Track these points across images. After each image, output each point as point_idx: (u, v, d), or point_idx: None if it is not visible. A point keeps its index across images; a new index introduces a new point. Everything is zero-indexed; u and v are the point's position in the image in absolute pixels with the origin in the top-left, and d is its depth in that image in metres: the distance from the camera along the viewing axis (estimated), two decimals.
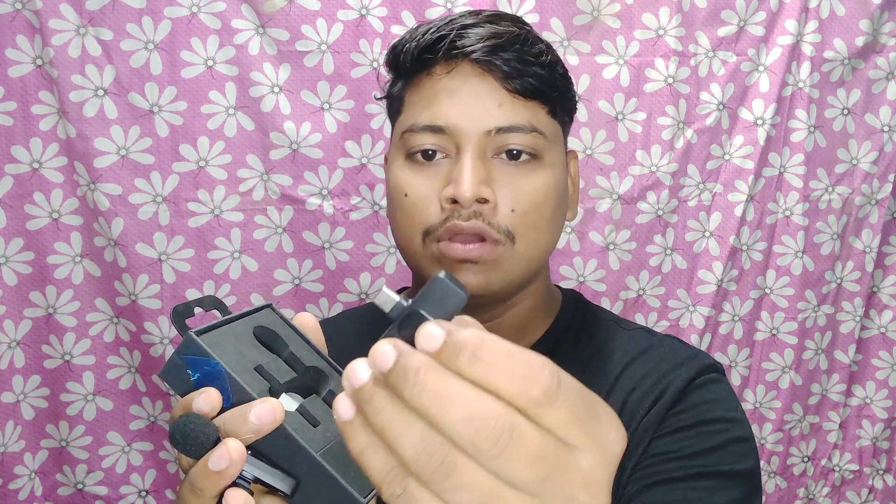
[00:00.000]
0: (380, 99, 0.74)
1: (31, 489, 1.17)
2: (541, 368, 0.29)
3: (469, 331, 0.29)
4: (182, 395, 0.43)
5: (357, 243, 1.18)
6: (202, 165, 1.14)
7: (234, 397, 0.42)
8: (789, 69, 1.23)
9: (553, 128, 0.68)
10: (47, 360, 1.15)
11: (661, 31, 1.19)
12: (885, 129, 1.28)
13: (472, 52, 0.64)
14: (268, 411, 0.40)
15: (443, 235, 0.64)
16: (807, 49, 1.22)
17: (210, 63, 1.11)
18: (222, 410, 0.42)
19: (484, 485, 0.28)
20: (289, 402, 0.44)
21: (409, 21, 1.14)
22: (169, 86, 1.11)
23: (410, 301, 0.32)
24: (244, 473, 0.40)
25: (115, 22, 1.08)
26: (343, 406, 0.30)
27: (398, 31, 1.14)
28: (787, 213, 1.27)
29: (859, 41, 1.23)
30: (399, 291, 0.82)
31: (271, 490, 0.41)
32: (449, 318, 0.31)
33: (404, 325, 0.31)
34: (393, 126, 0.72)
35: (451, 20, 0.67)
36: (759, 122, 1.23)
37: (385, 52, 1.13)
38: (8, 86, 1.08)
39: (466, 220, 0.63)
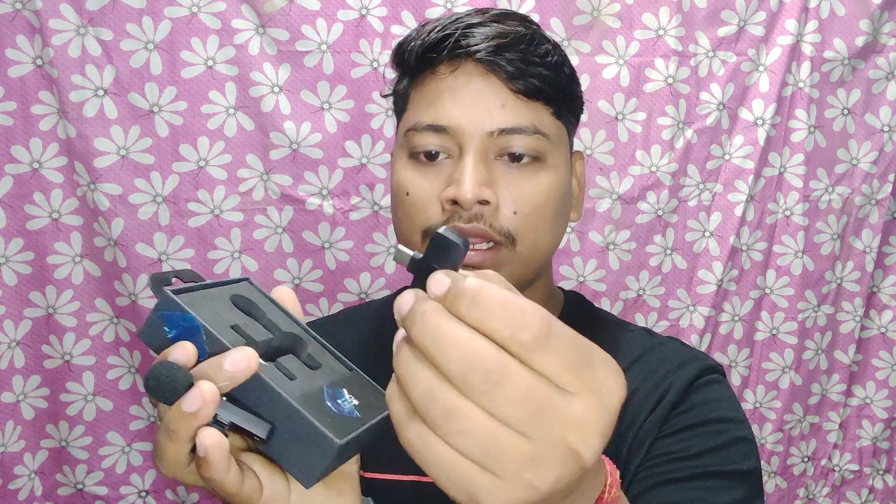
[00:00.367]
0: (386, 96, 0.74)
1: (31, 489, 1.17)
2: (532, 315, 0.30)
3: (471, 279, 0.31)
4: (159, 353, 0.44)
5: (357, 243, 1.18)
6: (202, 165, 1.14)
7: (210, 351, 0.43)
8: (789, 69, 1.23)
9: (557, 129, 0.68)
10: (47, 360, 1.15)
11: (661, 31, 1.19)
12: (885, 129, 1.28)
13: (477, 51, 0.64)
14: (242, 359, 0.42)
15: None
16: (807, 49, 1.22)
17: (210, 63, 1.11)
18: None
19: (484, 429, 0.30)
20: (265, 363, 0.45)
21: (409, 21, 1.14)
22: (169, 86, 1.11)
23: (422, 256, 0.35)
24: (219, 418, 0.41)
25: (115, 22, 1.08)
26: None
27: (398, 31, 1.14)
28: (787, 213, 1.27)
29: (859, 41, 1.23)
30: (399, 292, 0.82)
31: (248, 436, 0.41)
32: (455, 268, 0.34)
33: (419, 278, 0.34)
34: (398, 124, 0.72)
35: (457, 18, 0.67)
36: (759, 122, 1.23)
37: (386, 51, 1.14)
38: (8, 86, 1.08)
39: (467, 221, 0.63)
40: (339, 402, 0.45)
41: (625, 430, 0.67)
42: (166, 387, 0.40)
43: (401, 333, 0.33)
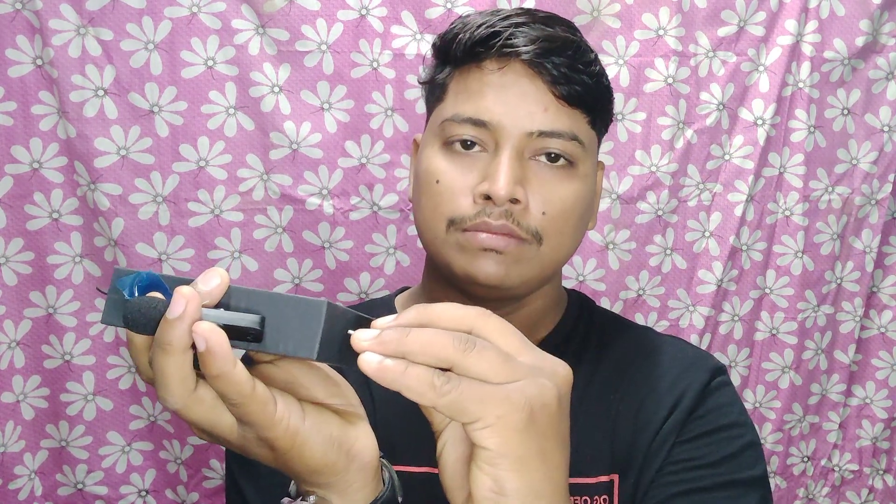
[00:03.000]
0: (422, 83, 0.74)
1: (31, 489, 1.17)
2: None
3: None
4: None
5: (357, 243, 1.18)
6: (202, 165, 1.14)
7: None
8: (789, 69, 1.23)
9: (591, 138, 0.69)
10: (47, 360, 1.15)
11: (661, 31, 1.19)
12: (885, 129, 1.28)
13: (525, 52, 0.65)
14: (214, 275, 0.41)
15: (470, 228, 0.65)
16: (807, 49, 1.22)
17: (210, 63, 1.11)
18: None
19: (495, 357, 0.41)
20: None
21: (409, 21, 1.14)
22: (169, 86, 1.11)
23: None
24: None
25: (115, 22, 1.08)
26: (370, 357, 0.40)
27: (398, 31, 1.14)
28: (787, 213, 1.27)
29: (859, 41, 1.23)
30: (400, 291, 0.83)
31: (240, 336, 0.41)
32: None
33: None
34: (430, 112, 0.72)
35: (506, 16, 0.67)
36: (759, 122, 1.23)
37: (386, 51, 1.14)
38: (8, 86, 1.08)
39: (497, 218, 0.64)
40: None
41: (641, 427, 0.69)
42: (147, 314, 0.40)
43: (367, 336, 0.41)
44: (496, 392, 0.40)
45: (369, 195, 1.18)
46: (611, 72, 1.19)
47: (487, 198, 0.64)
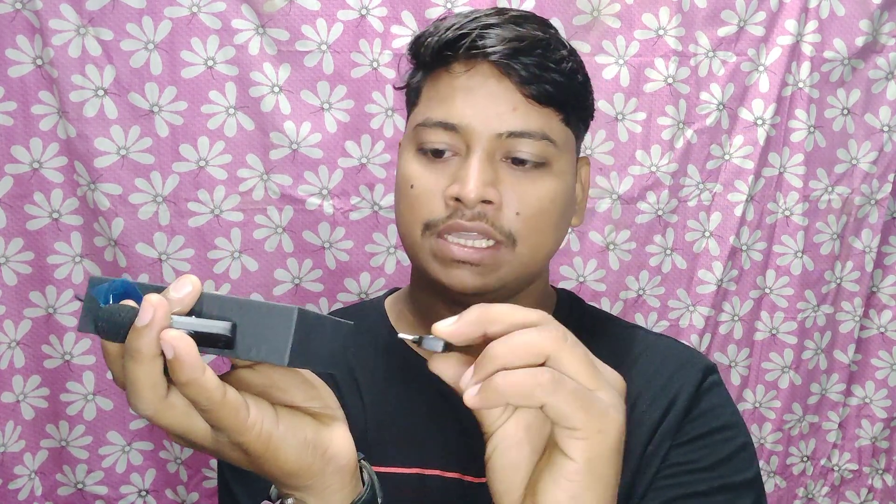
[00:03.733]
0: (398, 88, 0.74)
1: (31, 489, 1.17)
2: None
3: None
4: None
5: (357, 243, 1.18)
6: (202, 165, 1.14)
7: None
8: (789, 69, 1.23)
9: (565, 136, 0.68)
10: (47, 360, 1.15)
11: (661, 31, 1.19)
12: (885, 129, 1.28)
13: (493, 53, 0.64)
14: (183, 282, 0.41)
15: (444, 231, 0.65)
16: (807, 49, 1.22)
17: (210, 63, 1.11)
18: None
19: (587, 360, 0.41)
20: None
21: (409, 21, 1.14)
22: (169, 86, 1.11)
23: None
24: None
25: (115, 22, 1.08)
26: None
27: (398, 31, 1.14)
28: (787, 213, 1.28)
29: (859, 41, 1.23)
30: (392, 291, 0.83)
31: (212, 343, 0.41)
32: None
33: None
34: (408, 116, 0.72)
35: (475, 17, 0.67)
36: (759, 122, 1.23)
37: (386, 51, 1.14)
38: (8, 86, 1.08)
39: (470, 220, 0.64)
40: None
41: (634, 427, 0.69)
42: (118, 322, 0.40)
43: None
44: (598, 403, 0.39)
45: (369, 195, 1.18)
46: (611, 72, 1.19)
47: (458, 200, 0.64)
